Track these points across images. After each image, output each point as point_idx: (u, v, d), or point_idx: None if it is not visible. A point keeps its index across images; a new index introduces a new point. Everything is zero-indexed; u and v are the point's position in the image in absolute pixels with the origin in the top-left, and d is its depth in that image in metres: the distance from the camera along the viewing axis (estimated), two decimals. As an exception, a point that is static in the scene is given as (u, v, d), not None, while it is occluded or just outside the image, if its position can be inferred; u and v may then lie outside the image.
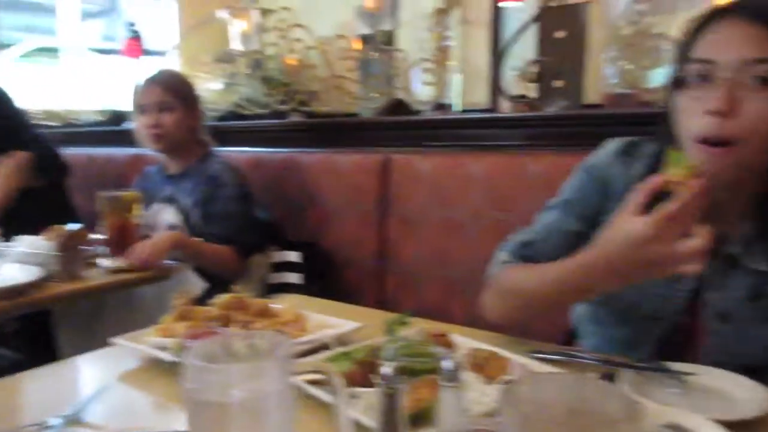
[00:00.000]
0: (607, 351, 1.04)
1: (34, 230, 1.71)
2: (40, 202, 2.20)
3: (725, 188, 0.95)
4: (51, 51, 3.60)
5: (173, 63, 3.13)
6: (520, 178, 1.25)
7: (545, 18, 1.95)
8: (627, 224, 0.83)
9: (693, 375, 0.87)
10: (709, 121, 0.88)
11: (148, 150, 2.15)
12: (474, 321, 1.16)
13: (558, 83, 1.92)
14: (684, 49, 0.96)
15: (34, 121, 2.71)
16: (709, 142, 0.88)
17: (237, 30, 2.94)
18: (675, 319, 1.03)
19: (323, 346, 1.03)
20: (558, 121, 1.78)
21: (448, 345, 0.98)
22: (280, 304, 1.23)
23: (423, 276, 1.82)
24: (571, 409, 0.53)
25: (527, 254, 1.09)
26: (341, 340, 1.06)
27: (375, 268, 1.94)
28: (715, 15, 0.94)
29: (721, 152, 0.88)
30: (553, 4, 1.90)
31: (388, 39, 2.42)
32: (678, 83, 0.95)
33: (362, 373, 0.86)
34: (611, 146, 1.09)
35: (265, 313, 1.17)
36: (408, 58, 2.36)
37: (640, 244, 0.81)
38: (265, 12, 2.66)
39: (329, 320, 1.15)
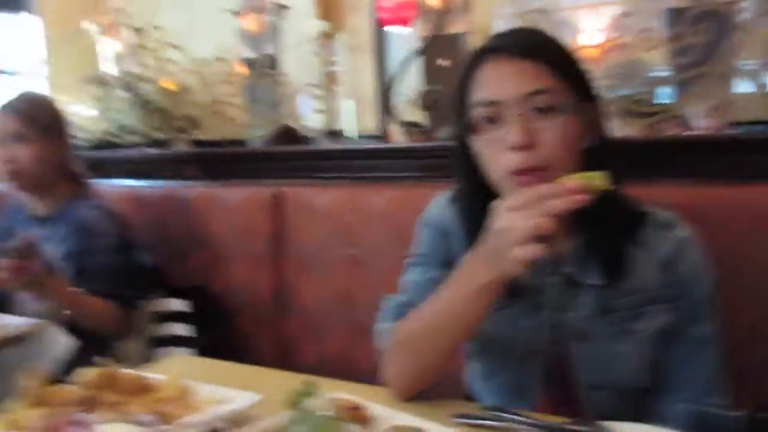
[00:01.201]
0: (503, 405, 0.98)
1: None
2: None
3: None
4: None
5: (37, 85, 2.83)
6: (420, 211, 1.16)
7: (427, 46, 1.90)
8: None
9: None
10: (514, 155, 0.91)
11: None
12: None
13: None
14: (461, 96, 0.98)
15: None
16: (521, 172, 0.92)
17: (107, 49, 2.70)
18: (547, 349, 1.02)
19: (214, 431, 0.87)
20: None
21: (364, 420, 0.86)
22: (161, 373, 1.05)
23: (325, 320, 1.67)
24: None
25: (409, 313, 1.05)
26: (236, 419, 0.91)
27: (271, 314, 1.76)
28: (480, 57, 0.97)
29: (535, 178, 0.90)
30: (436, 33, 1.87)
31: (272, 63, 2.30)
32: (469, 129, 0.97)
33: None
34: (438, 199, 1.14)
35: (140, 390, 0.99)
36: (294, 83, 2.24)
37: (501, 212, 0.83)
38: (139, 31, 2.45)
39: (220, 392, 0.99)
